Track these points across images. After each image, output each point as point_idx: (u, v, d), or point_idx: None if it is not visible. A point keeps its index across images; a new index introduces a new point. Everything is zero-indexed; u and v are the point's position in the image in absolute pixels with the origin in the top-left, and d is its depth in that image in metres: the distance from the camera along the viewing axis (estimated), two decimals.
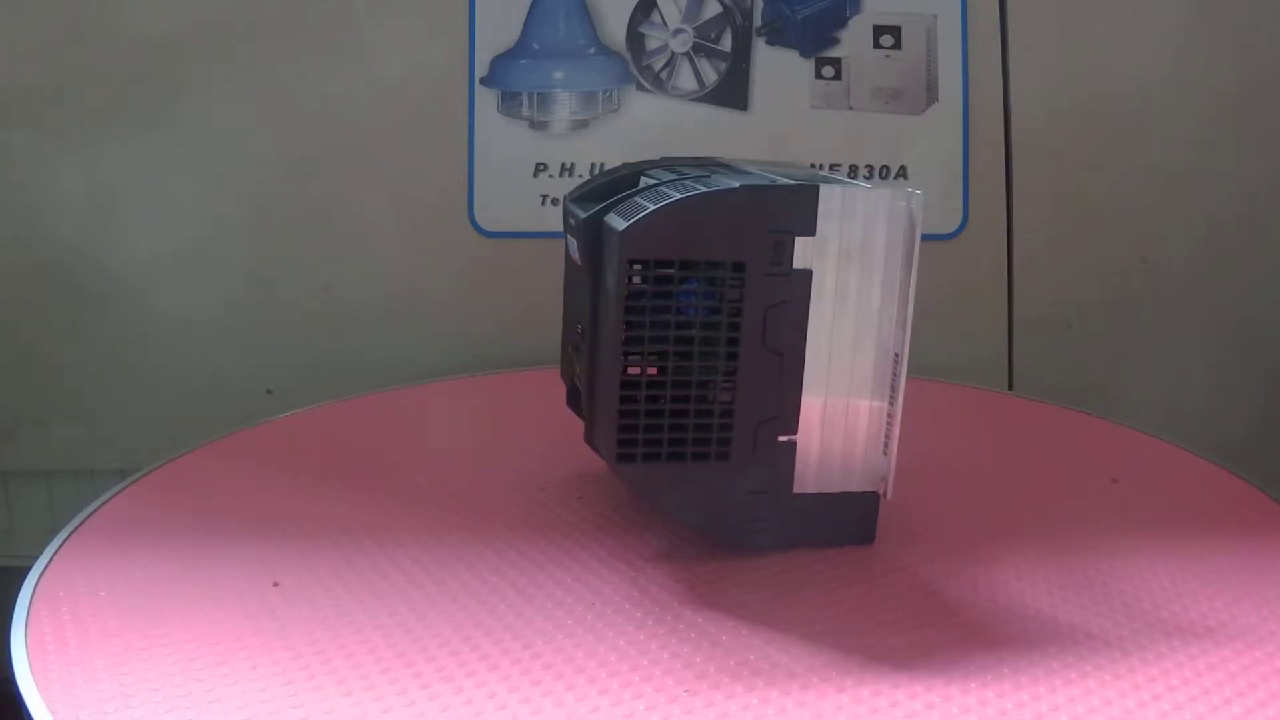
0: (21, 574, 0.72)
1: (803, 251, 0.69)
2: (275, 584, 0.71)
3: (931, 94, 1.32)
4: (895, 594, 0.72)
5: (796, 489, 0.74)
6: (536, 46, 1.32)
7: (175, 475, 0.90)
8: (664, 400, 0.71)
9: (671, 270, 0.69)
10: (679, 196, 0.68)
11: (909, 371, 0.71)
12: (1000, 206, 1.33)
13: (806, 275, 0.70)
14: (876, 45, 1.31)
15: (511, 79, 1.32)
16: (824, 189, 0.69)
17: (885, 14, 1.31)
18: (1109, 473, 0.93)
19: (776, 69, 1.32)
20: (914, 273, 0.70)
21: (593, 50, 1.32)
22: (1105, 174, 1.33)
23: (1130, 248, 1.35)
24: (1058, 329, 1.36)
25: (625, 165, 0.84)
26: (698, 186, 0.70)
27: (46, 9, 1.28)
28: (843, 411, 0.73)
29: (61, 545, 0.77)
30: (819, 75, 1.32)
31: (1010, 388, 1.36)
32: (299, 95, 1.31)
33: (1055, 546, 0.78)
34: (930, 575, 0.75)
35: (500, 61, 1.32)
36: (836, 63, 1.32)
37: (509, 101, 1.32)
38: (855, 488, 0.75)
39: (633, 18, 1.31)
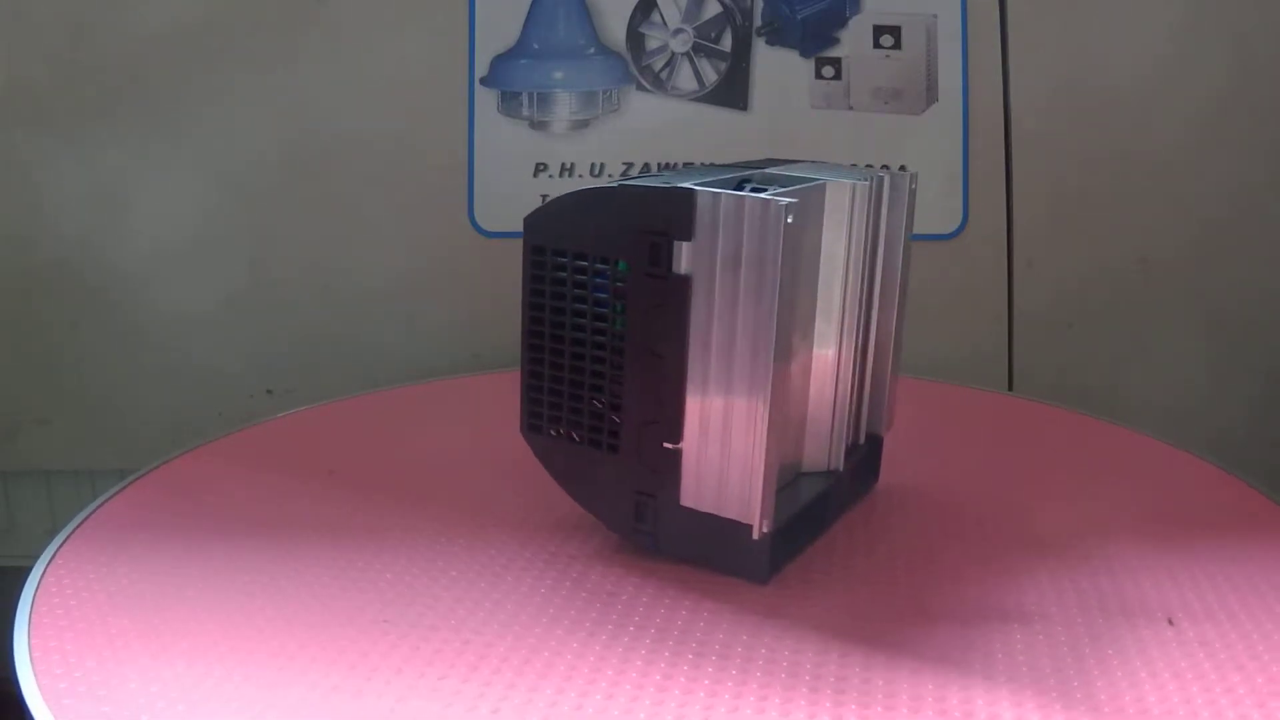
0: (21, 574, 0.72)
1: (683, 256, 0.68)
2: (331, 471, 0.77)
3: (931, 94, 1.32)
4: (888, 588, 0.72)
5: (684, 501, 0.71)
6: (536, 46, 1.32)
7: (175, 475, 0.90)
8: (563, 382, 0.73)
9: (564, 259, 0.72)
10: (579, 190, 0.71)
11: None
12: (1000, 206, 1.33)
13: (686, 281, 0.68)
14: (876, 45, 1.31)
15: (511, 79, 1.32)
16: (700, 194, 0.66)
17: (885, 14, 1.31)
18: (1108, 473, 0.93)
19: (776, 69, 1.32)
20: (793, 285, 0.67)
21: (593, 50, 1.32)
22: (1105, 174, 1.33)
23: (1130, 247, 1.35)
24: (1058, 329, 1.36)
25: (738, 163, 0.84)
26: (617, 184, 0.71)
27: (46, 9, 1.28)
28: (722, 429, 0.68)
29: (61, 545, 0.77)
30: (819, 75, 1.32)
31: (1010, 388, 1.36)
32: (299, 94, 1.31)
33: (1053, 547, 0.78)
34: (922, 573, 0.75)
35: (500, 61, 1.32)
36: (836, 63, 1.32)
37: (509, 101, 1.32)
38: (732, 515, 0.70)
39: (633, 18, 1.32)
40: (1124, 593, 0.71)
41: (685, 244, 0.67)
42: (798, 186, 0.71)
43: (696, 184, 0.68)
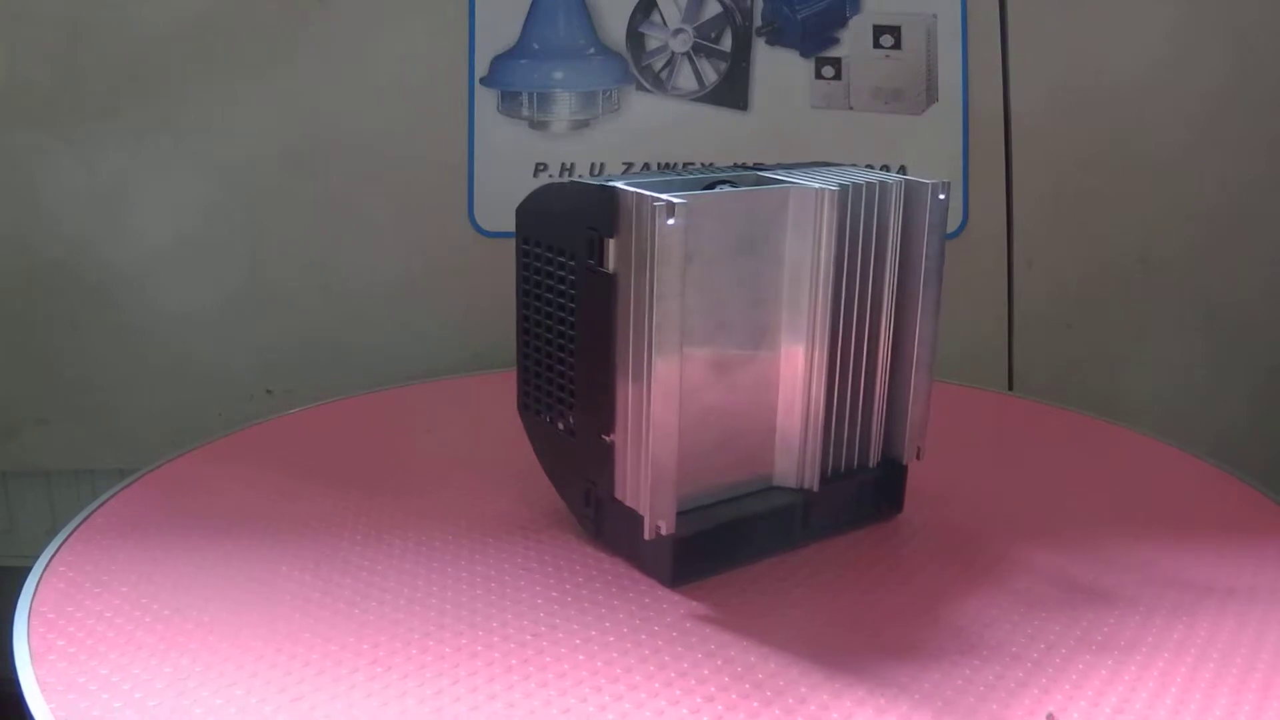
0: (21, 574, 0.72)
1: (611, 253, 0.68)
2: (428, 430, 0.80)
3: (931, 94, 1.32)
4: (887, 587, 0.72)
5: (616, 494, 0.72)
6: (536, 46, 1.32)
7: (175, 475, 0.90)
8: (541, 365, 0.76)
9: (539, 249, 0.74)
10: (546, 185, 0.74)
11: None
12: (1000, 206, 1.33)
13: (613, 278, 0.68)
14: (876, 45, 1.31)
15: (511, 79, 1.32)
16: (621, 193, 0.67)
17: (885, 14, 1.31)
18: (1109, 473, 0.93)
19: (776, 69, 1.32)
20: (680, 290, 0.66)
21: (593, 50, 1.32)
22: (1105, 173, 1.33)
23: (1130, 247, 1.35)
24: (1057, 328, 1.36)
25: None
26: (569, 180, 0.74)
27: (47, 9, 1.28)
28: (638, 427, 0.68)
29: (61, 545, 0.77)
30: (819, 75, 1.32)
31: (1010, 387, 1.36)
32: (299, 95, 1.31)
33: (1053, 548, 0.78)
34: (921, 573, 0.75)
35: (500, 61, 1.32)
36: (836, 63, 1.32)
37: (509, 101, 1.32)
38: (643, 512, 0.70)
39: (633, 18, 1.32)
40: (1107, 620, 0.68)
41: (612, 241, 0.68)
42: (746, 189, 0.71)
43: (628, 183, 0.69)
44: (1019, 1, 1.31)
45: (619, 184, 0.68)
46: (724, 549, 0.74)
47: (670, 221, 0.64)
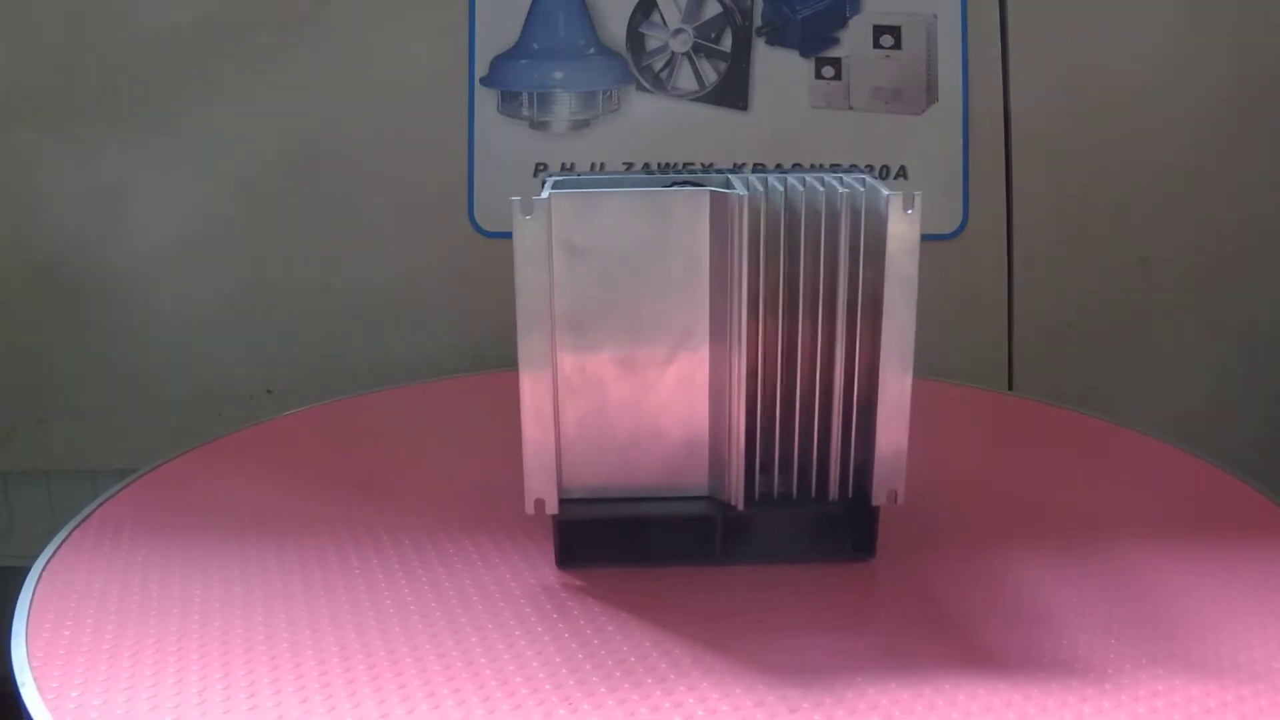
0: (21, 574, 0.72)
1: None
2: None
3: (931, 94, 1.32)
4: (892, 592, 0.72)
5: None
6: (536, 46, 1.32)
7: (175, 475, 0.90)
8: None
9: None
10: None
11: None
12: (1000, 206, 1.33)
13: None
14: (876, 45, 1.31)
15: (511, 79, 1.32)
16: (546, 188, 0.70)
17: (885, 14, 1.31)
18: (1110, 474, 0.93)
19: (776, 69, 1.32)
20: (544, 280, 0.68)
21: (593, 50, 1.32)
22: (1105, 174, 1.33)
23: (1130, 248, 1.35)
24: (1058, 329, 1.36)
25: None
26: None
27: (46, 9, 1.28)
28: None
29: (61, 545, 0.77)
30: (819, 75, 1.32)
31: (1010, 388, 1.36)
32: (299, 95, 1.31)
33: (1053, 550, 0.78)
34: (918, 577, 0.74)
35: (500, 61, 1.32)
36: (836, 63, 1.32)
37: (509, 101, 1.32)
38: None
39: (633, 18, 1.31)
40: (1075, 660, 0.64)
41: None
42: (642, 190, 0.70)
43: (558, 179, 0.71)
44: (1019, 2, 1.31)
45: (550, 180, 0.71)
46: (625, 543, 0.74)
47: (527, 218, 0.67)
